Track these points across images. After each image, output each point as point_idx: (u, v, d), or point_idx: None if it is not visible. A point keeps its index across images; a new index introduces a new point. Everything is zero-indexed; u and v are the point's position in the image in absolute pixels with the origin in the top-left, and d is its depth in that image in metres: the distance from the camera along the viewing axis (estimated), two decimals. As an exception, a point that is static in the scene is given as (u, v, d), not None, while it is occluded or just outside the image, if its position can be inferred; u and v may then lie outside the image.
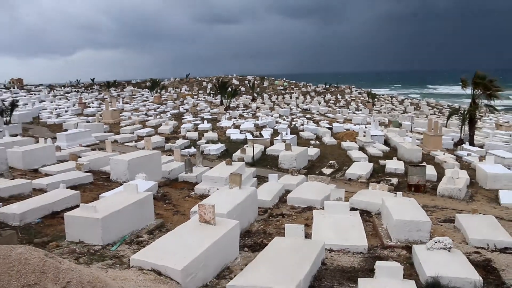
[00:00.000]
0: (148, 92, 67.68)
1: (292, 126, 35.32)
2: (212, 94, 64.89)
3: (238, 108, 49.38)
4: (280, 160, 20.51)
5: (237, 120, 37.77)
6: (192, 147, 24.48)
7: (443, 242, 7.32)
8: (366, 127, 34.64)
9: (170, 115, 41.38)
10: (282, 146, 22.09)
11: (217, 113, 42.45)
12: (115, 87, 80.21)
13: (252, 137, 27.26)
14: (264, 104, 56.20)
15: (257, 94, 67.40)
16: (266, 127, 33.23)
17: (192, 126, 33.13)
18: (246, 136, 28.12)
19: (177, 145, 24.38)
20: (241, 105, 53.26)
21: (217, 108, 47.03)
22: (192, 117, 39.59)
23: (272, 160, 21.72)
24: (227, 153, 23.28)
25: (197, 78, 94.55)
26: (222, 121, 36.24)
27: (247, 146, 22.65)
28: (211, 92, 68.76)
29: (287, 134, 27.78)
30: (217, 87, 55.74)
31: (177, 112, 44.45)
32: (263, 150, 23.43)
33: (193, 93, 70.62)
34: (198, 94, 69.54)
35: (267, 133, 29.67)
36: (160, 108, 47.47)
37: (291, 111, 49.44)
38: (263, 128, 32.56)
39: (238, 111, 45.88)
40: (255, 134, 29.52)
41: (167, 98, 60.27)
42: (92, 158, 17.68)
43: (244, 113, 44.84)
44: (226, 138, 28.41)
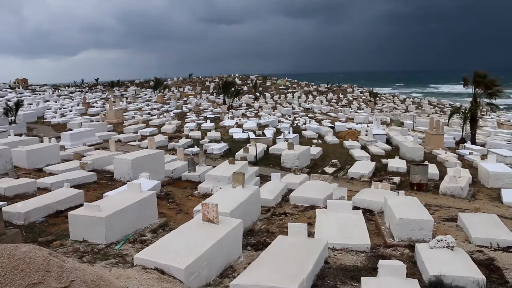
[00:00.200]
0: (151, 92, 67.78)
1: (295, 125, 35.30)
2: (215, 94, 64.88)
3: (240, 108, 49.38)
4: (283, 159, 20.52)
5: (240, 119, 37.79)
6: (195, 146, 24.52)
7: (445, 240, 7.32)
8: (368, 126, 34.59)
9: (173, 114, 41.43)
10: (285, 145, 22.10)
11: (220, 112, 42.49)
12: (118, 87, 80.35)
13: (255, 136, 27.26)
14: (267, 103, 56.17)
15: (259, 93, 67.36)
16: (269, 126, 33.26)
17: (195, 125, 33.17)
18: (248, 135, 28.14)
19: (180, 144, 24.42)
20: (243, 104, 53.25)
21: (220, 107, 47.06)
22: (195, 116, 39.63)
23: (274, 159, 21.73)
24: (230, 152, 23.30)
25: (200, 77, 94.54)
26: (225, 120, 36.26)
27: (250, 145, 22.66)
28: (214, 91, 68.77)
29: (290, 133, 27.79)
30: (220, 86, 55.75)
31: (180, 111, 44.52)
32: (265, 149, 23.44)
33: (196, 92, 70.62)
34: (201, 93, 69.54)
35: (269, 132, 29.68)
36: (163, 108, 47.53)
37: (294, 110, 49.40)
38: (266, 127, 32.57)
39: (240, 110, 45.88)
40: (257, 133, 29.52)
41: (170, 97, 60.32)
42: (96, 157, 17.73)
43: (247, 112, 44.85)
44: (229, 137, 28.43)
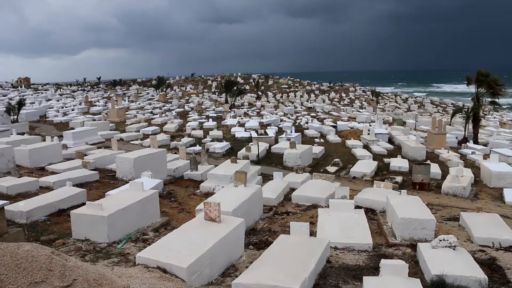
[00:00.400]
0: (153, 91, 67.86)
1: (297, 124, 35.29)
2: (217, 93, 64.94)
3: (243, 107, 49.39)
4: (285, 158, 20.52)
5: (242, 118, 37.80)
6: (197, 145, 24.55)
7: (448, 240, 7.31)
8: (370, 125, 34.55)
9: (176, 113, 41.46)
10: (287, 144, 22.10)
11: (222, 111, 42.50)
12: (121, 86, 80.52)
13: (257, 135, 27.27)
14: (269, 102, 56.18)
15: (261, 92, 67.39)
16: (271, 125, 33.24)
17: (197, 124, 33.19)
18: (251, 134, 28.15)
19: (183, 143, 24.44)
20: (246, 103, 53.28)
21: (222, 106, 47.07)
22: (197, 115, 39.66)
23: (276, 158, 21.73)
24: (232, 151, 23.31)
25: (202, 76, 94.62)
26: (227, 119, 36.27)
27: (252, 144, 22.66)
28: (216, 90, 68.83)
29: (292, 132, 27.77)
30: (222, 85, 55.77)
31: (182, 110, 44.55)
32: (268, 148, 23.44)
33: (198, 91, 70.69)
34: (203, 92, 69.62)
35: (271, 131, 29.65)
36: (165, 107, 47.57)
37: (296, 109, 49.40)
38: (268, 126, 32.55)
39: (243, 109, 45.89)
40: (260, 132, 29.52)
41: (172, 96, 60.38)
42: (98, 156, 17.77)
43: (249, 111, 44.85)
44: (231, 136, 28.45)
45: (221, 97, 56.84)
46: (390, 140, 28.02)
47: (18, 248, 4.18)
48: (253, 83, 75.64)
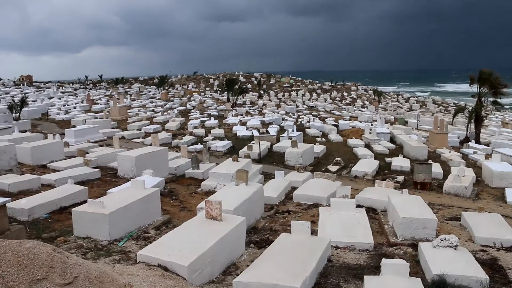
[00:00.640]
0: (155, 89, 67.88)
1: (298, 123, 35.26)
2: (219, 91, 64.92)
3: (244, 105, 49.38)
4: (286, 157, 20.51)
5: (244, 117, 37.78)
6: (199, 144, 24.55)
7: (449, 240, 7.30)
8: (372, 125, 34.50)
9: (177, 111, 41.46)
10: (288, 143, 22.07)
11: (223, 110, 42.48)
12: (122, 84, 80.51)
13: (259, 134, 27.25)
14: (271, 101, 56.13)
15: (263, 91, 67.34)
16: (273, 124, 33.22)
17: (199, 122, 33.19)
18: (252, 132, 28.13)
19: (184, 142, 24.44)
20: (247, 102, 53.25)
21: (224, 105, 47.06)
22: (199, 113, 39.66)
23: (278, 157, 21.72)
24: (233, 149, 23.31)
25: (204, 75, 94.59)
26: (229, 118, 36.26)
27: (254, 143, 22.66)
28: (218, 89, 68.79)
29: (293, 131, 27.75)
30: (224, 84, 55.77)
31: (184, 108, 44.54)
32: (269, 147, 23.43)
33: (200, 90, 70.68)
34: (205, 91, 69.59)
35: (273, 130, 29.64)
36: (167, 105, 47.57)
37: (297, 108, 49.35)
38: (270, 125, 32.54)
39: (244, 108, 45.88)
40: (261, 131, 29.51)
41: (174, 95, 60.39)
42: (99, 154, 17.78)
43: (251, 110, 44.84)
44: (232, 135, 28.43)
45: (223, 96, 56.83)
46: (392, 140, 27.97)
47: (19, 245, 4.19)
48: (255, 82, 75.60)
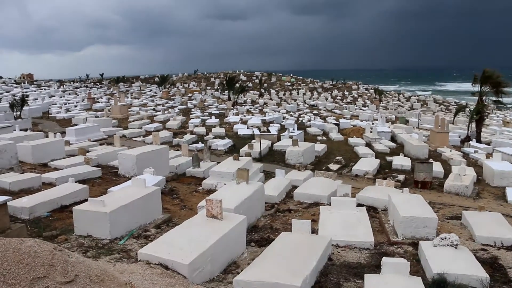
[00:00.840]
0: (156, 88, 67.89)
1: (299, 122, 35.23)
2: (219, 90, 64.88)
3: (245, 104, 49.35)
4: (287, 155, 20.52)
5: (245, 115, 37.77)
6: (200, 142, 24.56)
7: (449, 239, 7.31)
8: (373, 124, 34.48)
9: (178, 110, 41.46)
10: (289, 142, 22.08)
11: (224, 108, 42.48)
12: (123, 83, 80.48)
13: (259, 133, 27.25)
14: (272, 100, 56.09)
15: (264, 90, 67.28)
16: (273, 123, 33.24)
17: (200, 121, 33.20)
18: (253, 131, 28.13)
19: (185, 140, 24.46)
20: (248, 100, 53.22)
21: (225, 103, 47.03)
22: (199, 112, 39.66)
23: (279, 155, 21.73)
24: (234, 148, 23.32)
25: (205, 73, 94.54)
26: (230, 116, 36.26)
27: (254, 142, 22.67)
28: (218, 87, 68.76)
29: (294, 130, 27.74)
30: (224, 82, 55.74)
31: (185, 107, 44.54)
32: (270, 145, 23.44)
33: (201, 88, 70.64)
34: (206, 89, 69.57)
35: (274, 128, 29.65)
36: (168, 104, 47.58)
37: (298, 107, 49.32)
38: (270, 124, 32.55)
39: (245, 106, 45.84)
40: (262, 129, 29.50)
41: (175, 93, 60.38)
42: (100, 152, 17.80)
43: (252, 108, 44.82)
44: (233, 134, 28.45)
45: (223, 94, 56.80)
46: (393, 139, 27.96)
47: (20, 244, 4.19)
48: (256, 81, 75.57)
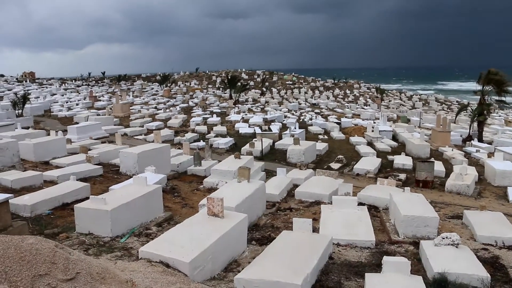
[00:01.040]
0: (158, 86, 67.95)
1: (301, 121, 35.23)
2: (221, 88, 64.89)
3: (247, 102, 49.37)
4: (289, 154, 20.52)
5: (246, 114, 37.78)
6: (201, 141, 24.58)
7: (450, 238, 7.30)
8: (375, 122, 34.46)
9: (180, 108, 41.50)
10: (291, 141, 22.09)
11: (226, 107, 42.49)
12: (125, 81, 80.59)
13: (261, 131, 27.27)
14: (273, 98, 56.09)
15: (266, 88, 67.27)
16: (275, 122, 33.24)
17: (201, 119, 33.24)
18: (254, 130, 28.15)
19: (186, 139, 24.49)
20: (250, 99, 53.24)
21: (226, 102, 47.05)
22: (201, 111, 39.69)
23: (280, 154, 21.74)
24: (235, 146, 23.34)
25: (207, 72, 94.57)
26: (231, 115, 36.29)
27: (256, 140, 22.68)
28: (220, 86, 68.77)
29: (296, 129, 27.75)
30: (226, 81, 55.75)
31: (187, 106, 44.59)
32: (271, 144, 23.46)
33: (203, 87, 70.67)
34: (207, 88, 69.62)
35: (275, 127, 29.67)
36: (169, 102, 47.61)
37: (300, 105, 49.30)
38: (272, 122, 32.56)
39: (247, 105, 45.86)
40: (263, 128, 29.52)
41: (177, 92, 60.43)
42: (102, 150, 17.83)
43: (253, 107, 44.83)
44: (235, 132, 28.46)
45: (225, 93, 56.82)
46: (394, 138, 27.95)
47: (22, 241, 4.21)
48: (257, 79, 75.54)
